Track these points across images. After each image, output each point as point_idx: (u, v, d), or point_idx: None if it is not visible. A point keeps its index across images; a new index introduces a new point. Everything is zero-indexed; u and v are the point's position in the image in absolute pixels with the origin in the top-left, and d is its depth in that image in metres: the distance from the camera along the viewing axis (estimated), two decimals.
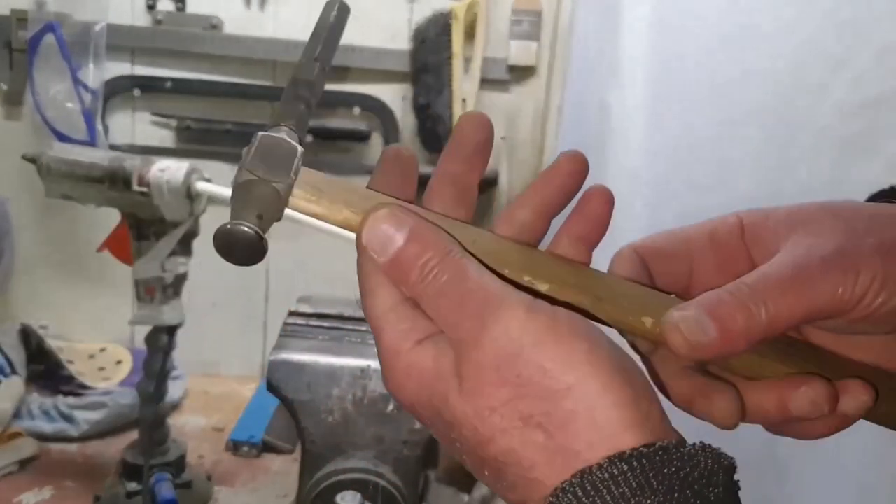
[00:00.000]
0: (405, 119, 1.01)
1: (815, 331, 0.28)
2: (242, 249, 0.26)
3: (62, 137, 0.92)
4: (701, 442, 0.23)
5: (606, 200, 0.29)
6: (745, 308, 0.24)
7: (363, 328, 0.70)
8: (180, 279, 0.70)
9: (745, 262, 0.29)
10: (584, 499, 0.21)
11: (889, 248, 0.25)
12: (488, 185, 1.03)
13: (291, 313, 0.71)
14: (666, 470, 0.21)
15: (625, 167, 1.04)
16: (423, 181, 0.97)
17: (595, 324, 0.24)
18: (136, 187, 0.65)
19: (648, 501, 0.21)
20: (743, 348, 0.25)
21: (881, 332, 0.27)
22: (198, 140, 1.01)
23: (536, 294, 0.25)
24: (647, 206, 1.04)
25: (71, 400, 0.87)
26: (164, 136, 1.01)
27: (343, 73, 0.99)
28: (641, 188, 1.04)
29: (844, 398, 0.27)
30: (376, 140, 1.02)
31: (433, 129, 0.98)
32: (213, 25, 0.98)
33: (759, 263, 0.27)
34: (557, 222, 0.29)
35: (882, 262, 0.25)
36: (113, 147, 0.97)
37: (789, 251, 0.26)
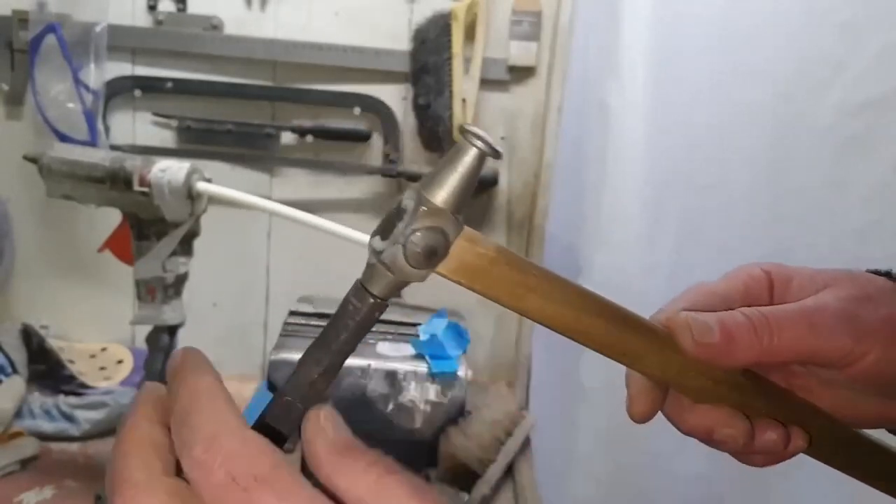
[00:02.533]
0: (405, 119, 1.01)
1: (807, 374, 0.31)
2: None
3: (63, 138, 0.92)
4: None
5: None
6: (752, 328, 0.28)
7: None
8: (181, 279, 0.70)
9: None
10: None
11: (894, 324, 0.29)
12: (488, 185, 1.03)
13: (292, 313, 0.71)
14: None
15: (625, 167, 1.04)
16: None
17: None
18: (136, 187, 0.65)
19: None
20: (739, 362, 0.28)
21: (871, 393, 0.30)
22: (199, 140, 1.01)
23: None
24: (648, 206, 1.04)
25: (72, 399, 0.87)
26: (164, 137, 1.01)
27: (343, 73, 0.99)
28: (641, 188, 1.04)
29: (791, 439, 0.30)
30: (376, 140, 1.02)
31: (433, 129, 0.98)
32: (214, 26, 0.98)
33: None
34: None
35: (887, 333, 0.29)
36: (114, 147, 0.97)
37: (806, 301, 0.30)
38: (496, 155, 0.26)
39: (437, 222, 0.25)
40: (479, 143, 0.26)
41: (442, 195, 0.25)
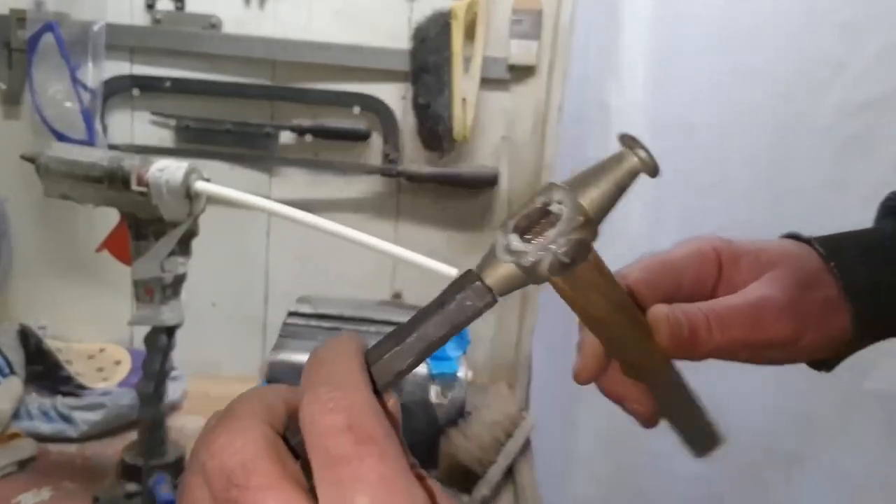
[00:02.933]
0: (405, 119, 1.01)
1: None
2: None
3: (61, 137, 0.92)
4: None
5: None
6: (709, 327, 0.32)
7: (363, 328, 0.70)
8: (179, 279, 0.70)
9: (715, 286, 0.36)
10: None
11: (832, 302, 0.34)
12: (488, 184, 1.03)
13: (291, 313, 0.71)
14: None
15: None
16: (424, 180, 0.97)
17: None
18: (134, 187, 0.65)
19: None
20: (699, 354, 0.32)
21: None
22: (197, 140, 1.01)
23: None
24: (648, 205, 1.04)
25: (70, 400, 0.87)
26: (163, 136, 1.01)
27: (342, 73, 0.99)
28: (641, 189, 1.04)
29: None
30: (376, 140, 1.01)
31: (433, 128, 0.98)
32: (213, 25, 0.97)
33: (726, 290, 0.35)
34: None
35: (822, 315, 0.34)
36: (112, 147, 0.97)
37: (753, 290, 0.34)
38: (656, 171, 0.25)
39: (589, 235, 0.24)
40: (642, 155, 0.25)
41: (595, 205, 0.24)
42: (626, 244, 1.06)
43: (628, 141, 0.25)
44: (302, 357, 0.63)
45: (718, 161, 1.04)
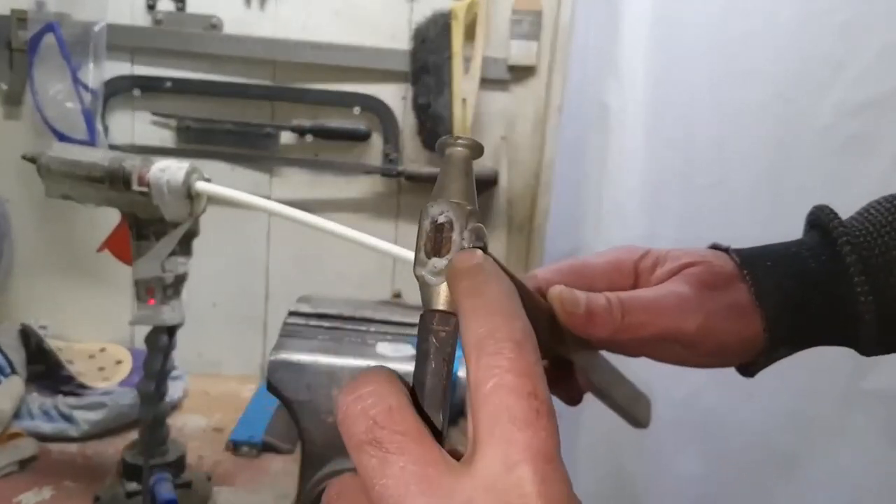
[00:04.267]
0: (405, 119, 1.01)
1: (672, 351, 0.37)
2: None
3: (62, 137, 0.92)
4: None
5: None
6: (609, 308, 0.34)
7: (363, 328, 0.70)
8: (180, 279, 0.70)
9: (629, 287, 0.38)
10: None
11: (743, 306, 0.36)
12: (488, 184, 1.03)
13: (291, 313, 0.71)
14: None
15: (624, 167, 1.04)
16: (424, 180, 0.97)
17: None
18: (135, 187, 0.65)
19: None
20: (598, 335, 0.34)
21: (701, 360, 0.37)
22: (198, 140, 1.01)
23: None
24: (647, 206, 1.04)
25: (71, 400, 0.87)
26: (164, 136, 1.01)
27: (343, 73, 0.99)
28: (641, 188, 1.04)
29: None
30: (376, 140, 1.02)
31: (433, 129, 0.98)
32: (213, 25, 0.97)
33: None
34: None
35: (730, 316, 0.35)
36: (113, 147, 0.97)
37: (662, 286, 0.36)
38: (481, 149, 0.28)
39: (479, 220, 0.27)
40: (462, 142, 0.27)
41: (465, 196, 0.26)
42: (626, 244, 1.06)
43: (447, 140, 0.28)
44: (302, 357, 0.63)
45: (718, 161, 1.04)
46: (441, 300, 0.25)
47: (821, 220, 0.39)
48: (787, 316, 0.36)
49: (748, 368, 0.39)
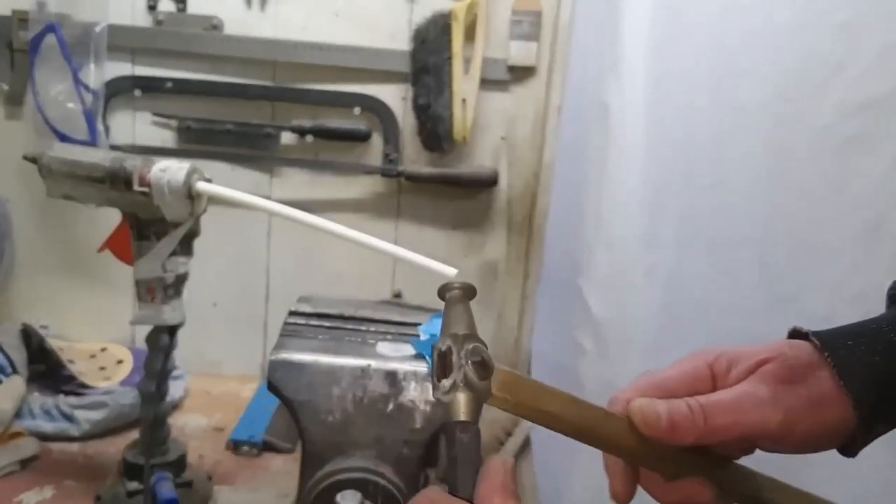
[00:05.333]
0: (405, 119, 1.01)
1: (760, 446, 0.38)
2: None
3: (63, 138, 0.92)
4: None
5: None
6: (690, 415, 0.36)
7: (363, 328, 0.70)
8: (181, 279, 0.70)
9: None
10: None
11: (826, 394, 0.36)
12: (488, 185, 1.03)
13: (292, 313, 0.71)
14: None
15: (624, 167, 1.04)
16: (424, 180, 0.98)
17: None
18: (136, 187, 0.65)
19: None
20: (684, 441, 0.36)
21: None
22: (198, 140, 1.01)
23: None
24: (647, 206, 1.04)
25: (72, 399, 0.87)
26: (164, 137, 1.02)
27: (343, 73, 1.00)
28: (641, 188, 1.04)
29: None
30: (376, 140, 1.02)
31: (433, 129, 0.98)
32: (214, 26, 0.98)
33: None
34: None
35: (810, 409, 0.36)
36: (114, 147, 0.97)
37: (738, 386, 0.37)
38: (473, 292, 0.35)
39: (476, 342, 0.32)
40: (457, 285, 0.35)
41: (465, 326, 0.33)
42: (626, 244, 1.07)
43: (446, 287, 0.35)
44: (303, 357, 0.63)
45: (718, 161, 1.04)
46: (460, 412, 0.31)
47: None
48: (875, 392, 0.36)
49: (848, 449, 0.38)
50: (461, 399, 0.31)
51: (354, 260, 1.03)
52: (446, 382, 0.31)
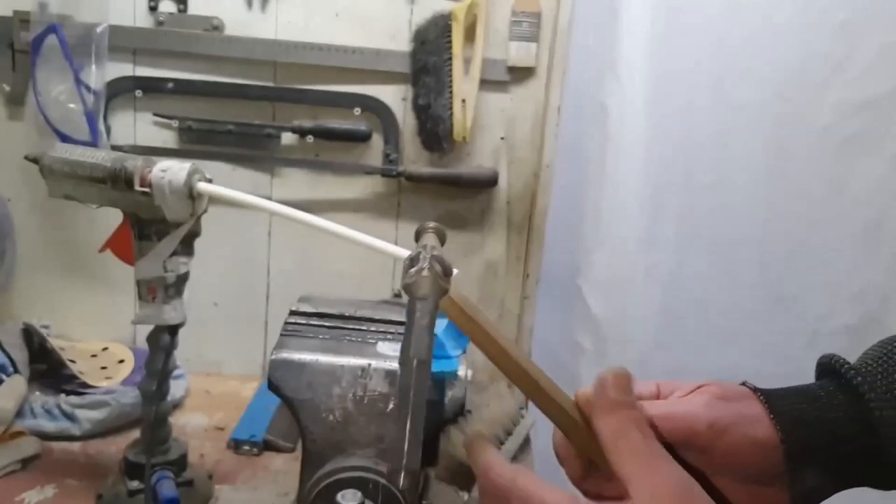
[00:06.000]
0: (405, 119, 1.01)
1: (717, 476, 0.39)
2: None
3: (64, 138, 0.92)
4: None
5: None
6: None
7: (363, 328, 0.70)
8: (182, 279, 0.70)
9: None
10: None
11: (755, 414, 0.38)
12: (488, 185, 1.03)
13: (292, 312, 0.71)
14: None
15: (624, 167, 1.04)
16: (424, 180, 0.98)
17: None
18: (137, 188, 0.65)
19: None
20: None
21: (739, 481, 0.38)
22: (199, 140, 1.01)
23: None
24: (647, 206, 1.04)
25: (73, 399, 0.87)
26: (165, 137, 1.02)
27: (343, 74, 1.00)
28: (641, 188, 1.04)
29: None
30: (376, 140, 1.02)
31: (433, 129, 0.99)
32: (215, 27, 0.98)
33: None
34: None
35: (740, 422, 0.38)
36: (115, 147, 0.98)
37: (677, 400, 0.41)
38: (444, 235, 0.44)
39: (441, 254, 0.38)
40: (431, 226, 0.42)
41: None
42: (626, 244, 1.07)
43: (421, 227, 0.43)
44: (303, 356, 0.64)
45: (718, 161, 1.04)
46: (421, 289, 0.36)
47: (828, 365, 0.41)
48: (803, 431, 0.37)
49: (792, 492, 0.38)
50: (424, 278, 0.35)
51: (354, 260, 1.03)
52: (412, 270, 0.36)
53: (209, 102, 1.00)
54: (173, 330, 0.71)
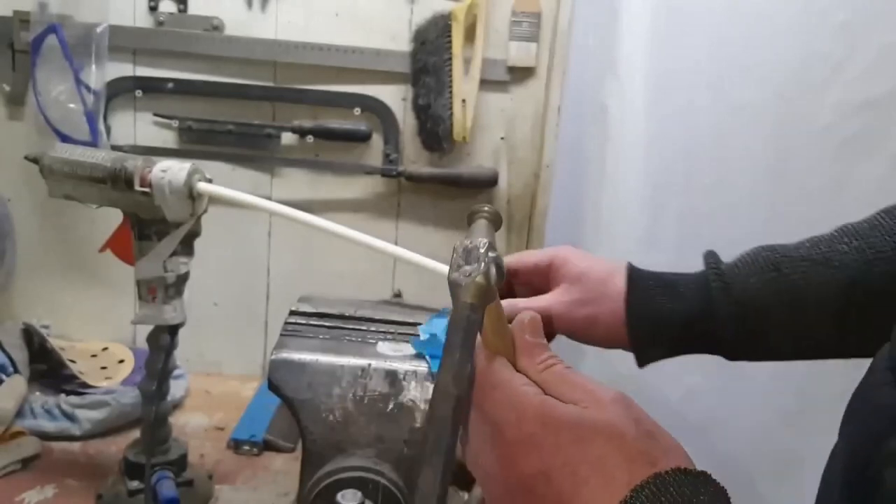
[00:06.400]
0: (405, 119, 1.02)
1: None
2: None
3: (64, 138, 0.93)
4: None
5: None
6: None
7: (363, 328, 0.71)
8: (182, 279, 0.70)
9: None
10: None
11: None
12: (488, 185, 1.03)
13: (292, 313, 0.71)
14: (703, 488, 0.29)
15: (624, 167, 1.04)
16: (424, 180, 0.99)
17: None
18: (137, 188, 0.66)
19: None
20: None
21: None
22: (199, 140, 1.01)
23: None
24: (647, 206, 1.04)
25: (73, 399, 0.87)
26: (165, 137, 1.02)
27: (343, 74, 1.00)
28: (641, 188, 1.04)
29: None
30: (376, 140, 1.02)
31: (433, 129, 0.99)
32: (215, 27, 0.98)
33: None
34: None
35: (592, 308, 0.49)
36: (115, 147, 0.98)
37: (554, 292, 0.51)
38: (499, 218, 0.41)
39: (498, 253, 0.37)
40: (486, 208, 0.40)
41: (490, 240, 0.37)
42: (626, 244, 1.07)
43: (474, 210, 0.41)
44: (303, 356, 0.64)
45: (718, 161, 1.04)
46: (471, 295, 0.34)
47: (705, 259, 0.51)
48: (647, 325, 0.48)
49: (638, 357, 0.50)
50: (477, 285, 0.34)
51: (354, 260, 1.03)
52: (468, 268, 0.35)
53: (209, 102, 1.01)
54: (173, 330, 0.71)
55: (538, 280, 0.52)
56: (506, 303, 0.48)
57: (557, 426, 0.31)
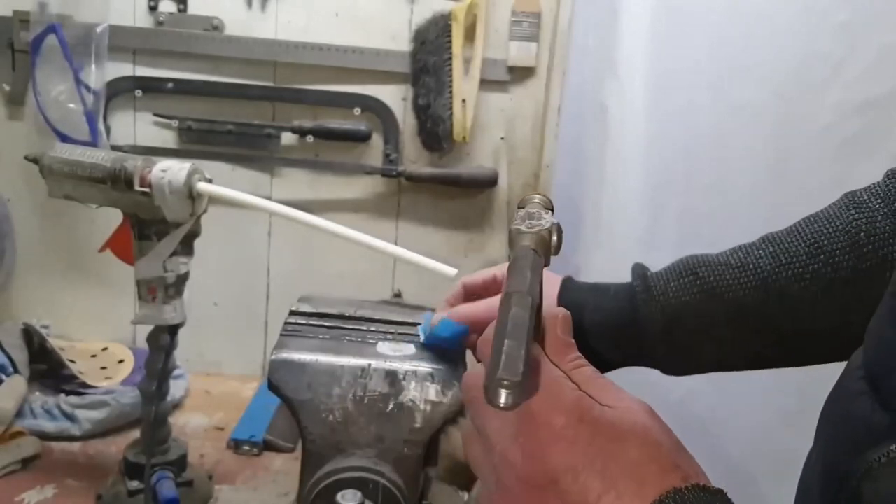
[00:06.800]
0: (405, 119, 1.01)
1: None
2: None
3: (64, 138, 0.93)
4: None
5: None
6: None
7: (363, 328, 0.70)
8: (182, 279, 0.70)
9: None
10: None
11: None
12: (488, 185, 1.03)
13: (292, 313, 0.71)
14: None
15: (624, 167, 1.04)
16: (424, 180, 0.99)
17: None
18: (137, 188, 0.65)
19: None
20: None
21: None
22: (199, 140, 1.01)
23: None
24: (647, 206, 1.04)
25: (73, 399, 0.87)
26: (165, 137, 1.02)
27: (343, 74, 1.00)
28: (641, 188, 1.04)
29: None
30: (376, 140, 1.02)
31: (433, 129, 0.99)
32: (215, 26, 0.98)
33: None
34: None
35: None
36: (115, 147, 0.98)
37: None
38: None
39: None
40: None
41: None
42: (626, 244, 1.07)
43: (526, 198, 0.41)
44: (303, 356, 0.64)
45: (718, 161, 1.04)
46: (533, 244, 0.34)
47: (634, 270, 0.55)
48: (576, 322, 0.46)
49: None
50: (541, 236, 0.34)
51: (354, 260, 1.03)
52: (533, 222, 0.35)
53: (209, 102, 1.00)
54: (173, 330, 0.71)
55: (489, 296, 0.58)
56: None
57: (595, 424, 0.30)
